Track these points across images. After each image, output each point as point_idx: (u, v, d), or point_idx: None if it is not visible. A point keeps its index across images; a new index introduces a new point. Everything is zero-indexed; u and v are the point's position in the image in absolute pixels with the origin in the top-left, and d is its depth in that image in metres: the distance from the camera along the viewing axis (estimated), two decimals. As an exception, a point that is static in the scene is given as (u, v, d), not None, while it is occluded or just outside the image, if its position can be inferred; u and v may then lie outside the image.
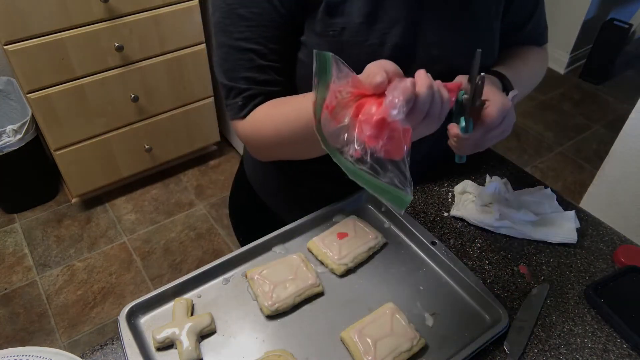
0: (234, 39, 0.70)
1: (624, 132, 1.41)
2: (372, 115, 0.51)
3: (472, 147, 0.67)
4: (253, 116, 0.73)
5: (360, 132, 0.51)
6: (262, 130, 0.72)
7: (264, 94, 0.72)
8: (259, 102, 0.73)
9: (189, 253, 1.99)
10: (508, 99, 0.67)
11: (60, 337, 1.70)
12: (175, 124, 2.12)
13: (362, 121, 0.52)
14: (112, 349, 0.64)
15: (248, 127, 0.74)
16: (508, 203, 0.81)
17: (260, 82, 0.72)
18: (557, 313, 0.70)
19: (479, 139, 0.66)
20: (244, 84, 0.72)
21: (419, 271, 0.73)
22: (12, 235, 2.03)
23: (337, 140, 0.54)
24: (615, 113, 2.80)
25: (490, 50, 0.78)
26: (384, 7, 0.68)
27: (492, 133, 0.66)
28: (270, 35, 0.69)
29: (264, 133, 0.72)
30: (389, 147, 0.51)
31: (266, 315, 0.67)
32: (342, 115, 0.53)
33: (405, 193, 0.52)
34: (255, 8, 0.67)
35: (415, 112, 0.53)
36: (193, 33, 1.93)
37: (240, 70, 0.71)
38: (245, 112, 0.73)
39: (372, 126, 0.51)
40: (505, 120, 0.66)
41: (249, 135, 0.75)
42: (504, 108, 0.65)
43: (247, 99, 0.72)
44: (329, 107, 0.53)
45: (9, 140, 1.85)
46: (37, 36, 1.61)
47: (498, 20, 0.78)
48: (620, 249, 0.77)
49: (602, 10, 2.97)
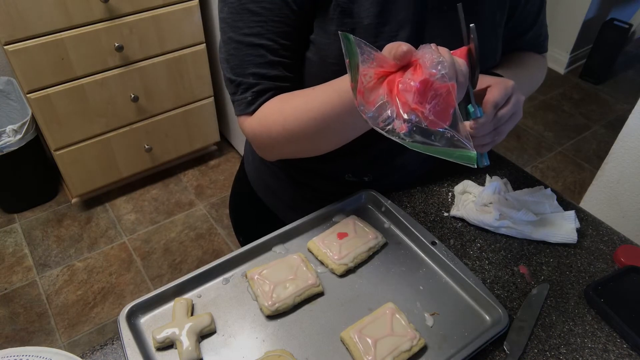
0: (243, 34, 0.69)
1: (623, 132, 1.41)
2: (412, 81, 0.50)
3: (490, 136, 0.67)
4: (261, 112, 0.72)
5: (404, 102, 0.50)
6: (270, 125, 0.71)
7: (274, 90, 0.71)
8: (268, 98, 0.71)
9: (189, 253, 1.99)
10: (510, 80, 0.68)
11: (60, 337, 1.70)
12: (175, 124, 2.12)
13: (402, 91, 0.51)
14: (112, 349, 0.64)
15: (255, 123, 0.72)
16: (508, 203, 0.81)
17: (271, 78, 0.71)
18: (557, 313, 0.70)
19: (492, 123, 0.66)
20: (253, 79, 0.71)
21: (419, 271, 0.73)
22: (12, 235, 2.03)
23: (377, 121, 0.52)
24: (615, 113, 2.81)
25: (494, 55, 0.79)
26: (392, 10, 0.68)
27: (501, 112, 0.66)
28: (281, 30, 0.69)
29: (271, 128, 0.71)
30: (437, 109, 0.50)
31: (266, 315, 0.67)
32: (374, 96, 0.52)
33: (468, 149, 0.51)
34: (267, 3, 0.67)
35: (450, 71, 0.52)
36: (193, 33, 1.93)
37: (249, 66, 0.70)
38: (254, 108, 0.72)
39: (416, 91, 0.50)
40: (512, 100, 0.67)
41: (257, 132, 0.73)
42: (507, 85, 0.66)
43: (256, 94, 0.71)
44: (360, 91, 0.52)
45: (9, 140, 1.85)
46: (37, 36, 1.61)
47: (502, 27, 0.78)
48: (620, 249, 0.77)
49: (602, 10, 2.97)
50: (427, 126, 0.51)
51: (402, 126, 0.50)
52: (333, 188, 0.85)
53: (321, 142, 0.70)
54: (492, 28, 0.76)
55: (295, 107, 0.69)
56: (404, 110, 0.50)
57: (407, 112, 0.50)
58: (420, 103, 0.50)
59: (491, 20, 0.75)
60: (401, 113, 0.50)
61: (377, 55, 0.52)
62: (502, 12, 0.77)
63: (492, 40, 0.77)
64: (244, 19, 0.68)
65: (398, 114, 0.50)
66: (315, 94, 0.66)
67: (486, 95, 0.66)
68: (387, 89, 0.52)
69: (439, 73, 0.50)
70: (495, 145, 0.70)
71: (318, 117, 0.64)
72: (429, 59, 0.50)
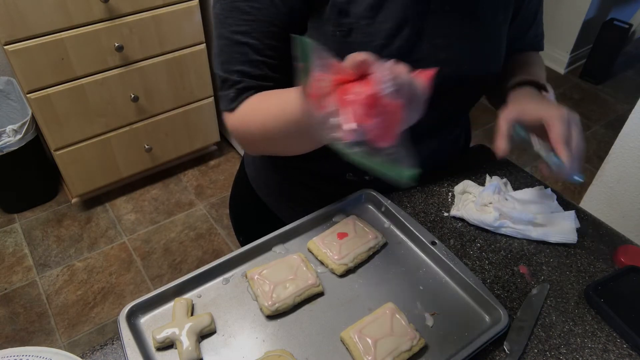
0: (231, 31, 0.70)
1: (623, 132, 1.41)
2: (361, 94, 0.50)
3: (576, 160, 0.68)
4: (242, 109, 0.73)
5: (350, 113, 0.50)
6: (249, 123, 0.72)
7: (256, 88, 0.72)
8: (249, 96, 0.72)
9: (189, 253, 1.99)
10: (555, 105, 0.69)
11: (60, 337, 1.70)
12: (175, 124, 2.12)
13: (351, 101, 0.50)
14: (112, 349, 0.64)
15: (236, 120, 0.73)
16: (508, 203, 0.81)
17: (254, 77, 0.71)
18: (557, 313, 0.70)
19: (569, 151, 0.67)
20: (237, 76, 0.72)
21: (419, 271, 0.73)
22: (12, 235, 2.03)
23: (324, 128, 0.52)
24: (615, 113, 2.81)
25: (497, 55, 0.79)
26: (390, 8, 0.68)
27: (571, 137, 0.68)
28: (268, 31, 0.69)
29: (251, 126, 0.72)
30: (381, 125, 0.50)
31: (266, 315, 0.67)
32: (326, 102, 0.52)
33: (404, 168, 0.51)
34: (255, 2, 0.67)
35: (402, 90, 0.52)
36: (193, 33, 1.93)
37: (234, 63, 0.71)
38: (236, 105, 0.73)
39: (362, 104, 0.49)
40: (573, 126, 0.68)
41: (238, 129, 0.74)
42: (561, 116, 0.68)
43: (238, 92, 0.72)
44: (312, 96, 0.52)
45: (9, 140, 1.85)
46: (37, 36, 1.61)
47: (506, 25, 0.78)
48: (620, 249, 0.77)
49: (602, 10, 2.97)
50: (369, 140, 0.50)
51: (346, 136, 0.49)
52: (333, 188, 0.85)
53: (297, 143, 0.70)
54: (495, 29, 0.76)
55: (270, 106, 0.69)
56: (349, 120, 0.50)
57: (351, 123, 0.50)
58: (365, 116, 0.49)
59: (493, 22, 0.75)
60: (346, 123, 0.50)
61: (335, 63, 0.52)
62: (507, 11, 0.77)
63: (494, 42, 0.77)
64: (233, 16, 0.69)
65: (343, 123, 0.50)
66: (289, 94, 0.65)
67: (551, 138, 0.67)
68: (338, 97, 0.51)
69: (387, 90, 0.49)
70: (580, 156, 0.70)
71: (291, 117, 0.64)
72: (381, 74, 0.49)
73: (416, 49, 0.71)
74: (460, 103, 0.85)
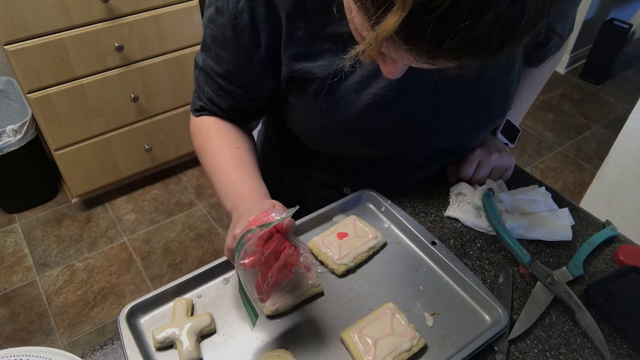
0: (211, 61, 0.72)
1: (624, 132, 1.41)
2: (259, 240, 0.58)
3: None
4: (200, 121, 0.79)
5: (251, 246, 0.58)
6: (197, 136, 0.79)
7: (217, 115, 0.78)
8: (211, 116, 0.79)
9: (189, 253, 1.99)
10: (477, 151, 0.85)
11: (60, 337, 1.70)
12: (175, 124, 2.12)
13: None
14: (112, 349, 0.64)
15: (193, 126, 0.81)
16: (501, 206, 0.81)
17: (218, 107, 0.77)
18: (557, 313, 0.70)
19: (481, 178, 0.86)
20: (205, 96, 0.77)
21: (419, 271, 0.73)
22: (12, 235, 2.03)
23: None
24: (615, 113, 2.81)
25: (502, 108, 0.77)
26: (385, 79, 0.66)
27: (478, 176, 0.86)
28: (240, 81, 0.72)
29: (196, 139, 0.80)
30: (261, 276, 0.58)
31: (266, 315, 0.67)
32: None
33: (254, 313, 0.58)
34: (231, 50, 0.68)
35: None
36: (193, 33, 1.93)
37: (207, 85, 0.76)
38: (197, 115, 0.80)
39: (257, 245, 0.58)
40: (482, 163, 0.85)
41: (192, 131, 0.81)
42: (471, 159, 0.85)
43: (201, 108, 0.79)
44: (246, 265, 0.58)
45: (9, 140, 1.85)
46: (37, 36, 1.61)
47: (519, 63, 0.75)
48: (620, 249, 0.77)
49: (602, 10, 2.97)
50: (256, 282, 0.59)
51: (244, 263, 0.57)
52: (333, 195, 0.85)
53: None
54: (505, 78, 0.72)
55: (216, 157, 0.75)
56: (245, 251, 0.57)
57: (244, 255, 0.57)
58: (256, 260, 0.57)
59: (504, 74, 0.72)
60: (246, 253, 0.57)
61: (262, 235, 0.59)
62: (497, 66, 0.70)
63: (502, 96, 0.75)
64: (215, 49, 0.70)
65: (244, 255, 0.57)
66: (225, 176, 0.73)
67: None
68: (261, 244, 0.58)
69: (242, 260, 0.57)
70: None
71: (220, 195, 0.73)
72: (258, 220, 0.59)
73: (422, 117, 0.73)
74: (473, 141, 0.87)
